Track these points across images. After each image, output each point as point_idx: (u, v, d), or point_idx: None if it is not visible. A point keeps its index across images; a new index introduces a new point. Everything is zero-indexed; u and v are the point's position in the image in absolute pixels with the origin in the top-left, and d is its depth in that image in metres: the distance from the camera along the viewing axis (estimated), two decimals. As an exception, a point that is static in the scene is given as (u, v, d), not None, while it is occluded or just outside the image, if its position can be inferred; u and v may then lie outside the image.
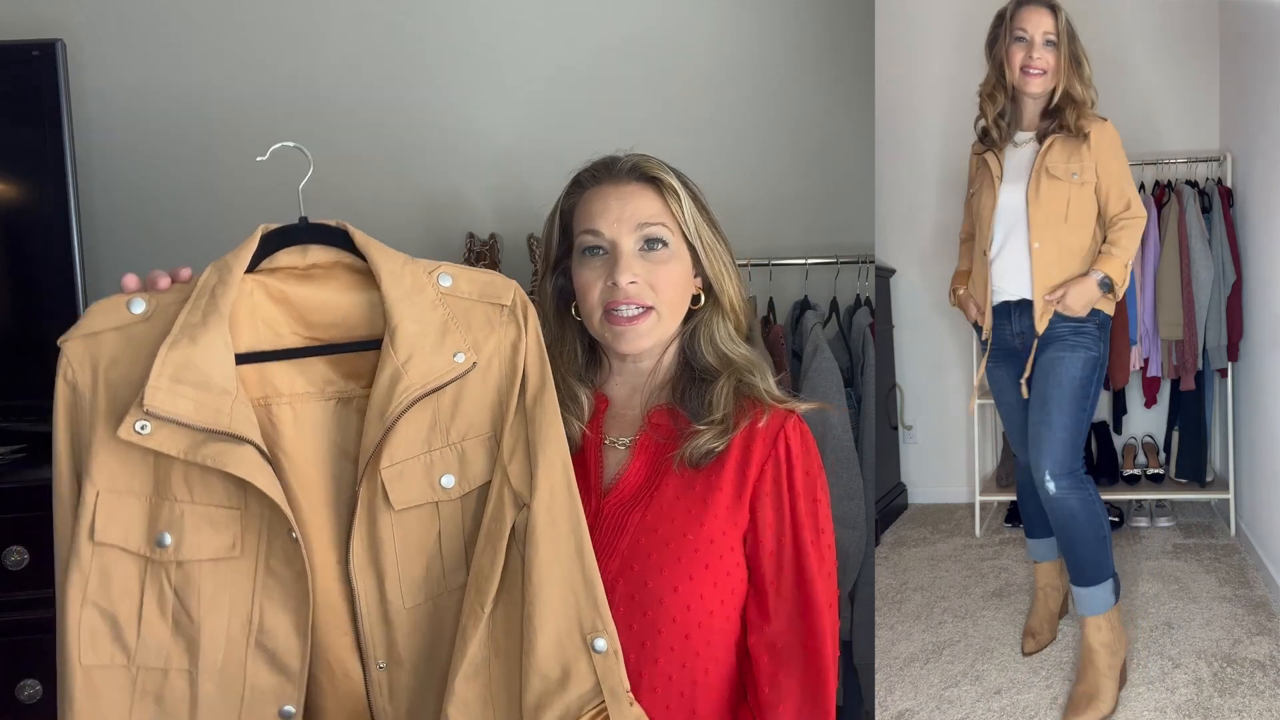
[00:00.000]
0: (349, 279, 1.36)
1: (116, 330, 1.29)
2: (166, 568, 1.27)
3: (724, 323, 1.52)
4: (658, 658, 1.40)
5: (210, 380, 1.25)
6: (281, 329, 1.35)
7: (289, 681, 1.29)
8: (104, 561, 1.27)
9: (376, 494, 1.30)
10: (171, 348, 1.25)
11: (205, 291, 1.29)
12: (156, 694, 1.28)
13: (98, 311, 1.30)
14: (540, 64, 2.47)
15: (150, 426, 1.23)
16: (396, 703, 1.32)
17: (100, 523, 1.26)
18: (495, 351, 1.34)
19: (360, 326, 1.35)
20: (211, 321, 1.27)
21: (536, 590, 1.29)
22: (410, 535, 1.32)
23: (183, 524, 1.27)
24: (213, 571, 1.28)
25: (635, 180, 1.49)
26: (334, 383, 1.34)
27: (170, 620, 1.28)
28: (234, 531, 1.28)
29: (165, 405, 1.23)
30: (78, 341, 1.29)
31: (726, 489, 1.45)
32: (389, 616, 1.31)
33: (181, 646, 1.28)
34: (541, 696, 1.27)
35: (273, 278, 1.34)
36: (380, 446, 1.29)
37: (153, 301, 1.30)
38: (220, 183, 2.43)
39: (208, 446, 1.24)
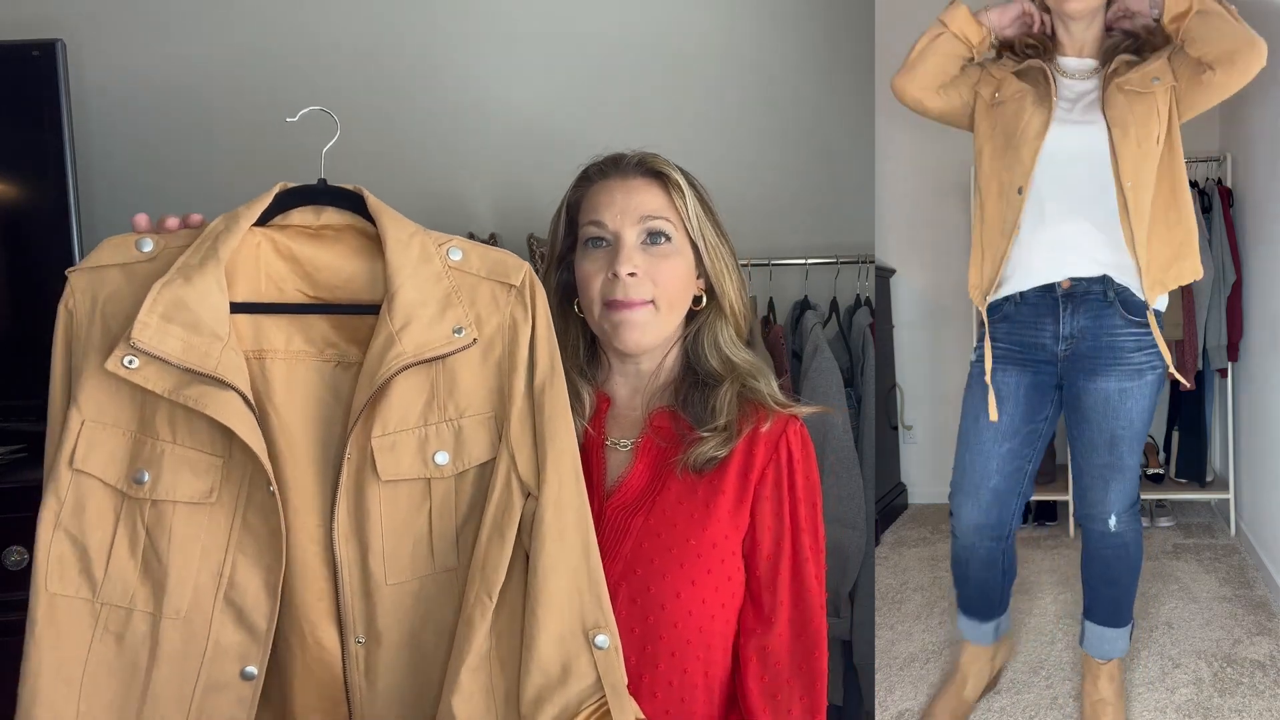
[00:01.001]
0: (359, 243, 1.36)
1: (121, 266, 1.31)
2: (141, 505, 1.27)
3: (726, 326, 1.52)
4: (658, 662, 1.40)
5: (200, 322, 1.25)
6: (286, 285, 1.35)
7: (254, 641, 1.27)
8: (80, 490, 1.27)
9: (365, 463, 1.29)
10: (165, 286, 1.26)
11: (210, 237, 1.30)
12: (118, 633, 1.27)
13: (107, 246, 1.32)
14: (542, 63, 2.47)
15: (138, 362, 1.24)
16: (373, 679, 1.31)
17: (81, 451, 1.26)
18: (499, 331, 1.33)
19: (365, 291, 1.34)
20: (209, 266, 1.27)
21: (541, 584, 1.28)
22: (399, 510, 1.30)
23: (161, 463, 1.27)
24: (188, 516, 1.27)
25: (641, 175, 1.49)
26: (336, 345, 1.34)
27: (140, 560, 1.27)
28: (213, 479, 1.27)
29: (152, 342, 1.23)
30: (82, 273, 1.31)
31: (729, 493, 1.45)
32: (370, 591, 1.30)
33: (148, 589, 1.27)
34: (541, 691, 1.27)
35: (282, 234, 1.34)
36: (371, 413, 1.28)
37: (160, 242, 1.32)
38: (220, 182, 2.42)
39: (192, 388, 1.24)
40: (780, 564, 1.45)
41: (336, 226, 1.36)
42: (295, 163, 1.42)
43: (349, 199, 1.36)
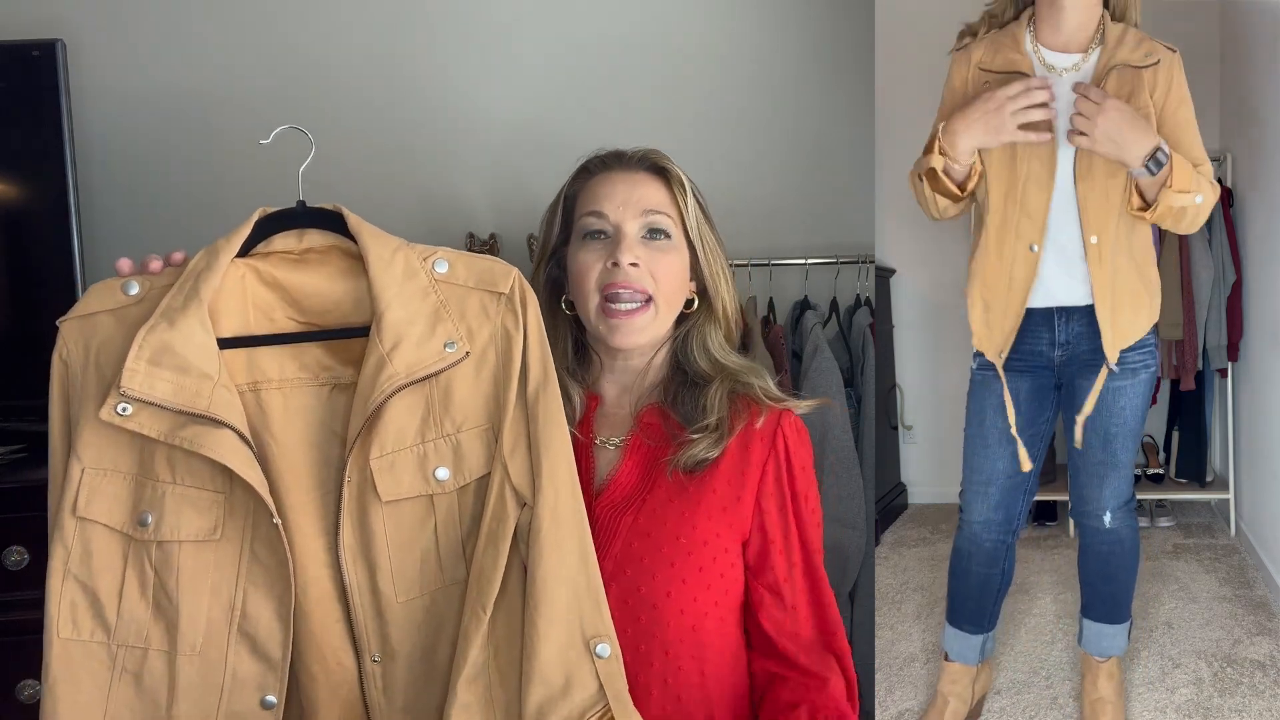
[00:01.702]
0: (344, 264, 1.35)
1: (110, 312, 1.31)
2: (147, 547, 1.28)
3: (716, 330, 1.52)
4: (652, 661, 1.40)
5: (188, 363, 1.25)
6: (275, 314, 1.34)
7: (271, 670, 1.28)
8: (86, 536, 1.28)
9: (366, 484, 1.29)
10: (150, 331, 1.26)
11: (191, 276, 1.30)
12: (136, 673, 1.28)
13: (94, 294, 1.33)
14: (541, 63, 2.47)
15: (131, 409, 1.24)
16: (391, 696, 1.31)
17: (83, 498, 1.27)
18: (491, 341, 1.32)
19: (354, 313, 1.34)
20: (191, 306, 1.27)
21: (540, 594, 1.28)
22: (403, 528, 1.30)
23: (163, 504, 1.27)
24: (193, 553, 1.27)
25: (644, 169, 1.49)
26: (331, 369, 1.33)
27: (150, 600, 1.28)
28: (216, 515, 1.28)
29: (142, 388, 1.24)
30: (73, 322, 1.31)
31: (721, 490, 1.44)
32: (381, 610, 1.30)
33: (161, 628, 1.28)
34: (544, 703, 1.26)
35: (265, 262, 1.34)
36: (368, 436, 1.28)
37: (146, 284, 1.32)
38: (220, 182, 2.42)
39: (187, 429, 1.25)
40: (792, 556, 1.45)
41: (320, 249, 1.35)
42: (296, 161, 1.42)
43: (329, 219, 1.35)
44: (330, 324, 1.35)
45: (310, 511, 1.31)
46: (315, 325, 1.35)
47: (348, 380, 1.32)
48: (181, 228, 2.41)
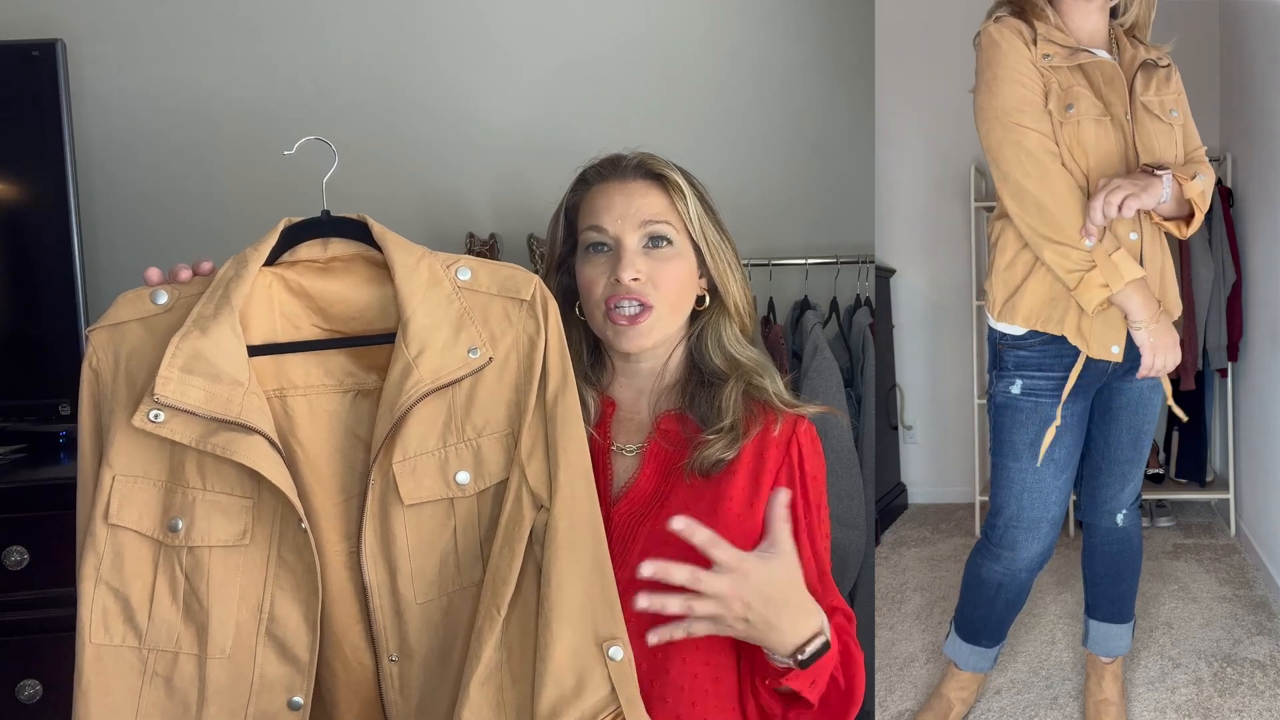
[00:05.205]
0: (368, 272, 1.37)
1: (140, 321, 1.32)
2: (178, 552, 1.29)
3: (730, 325, 1.52)
4: (669, 667, 1.40)
5: (220, 371, 1.27)
6: (301, 322, 1.36)
7: (298, 672, 1.30)
8: (117, 543, 1.29)
9: (388, 488, 1.30)
10: (182, 339, 1.27)
11: (221, 284, 1.31)
12: (166, 677, 1.29)
13: (123, 302, 1.34)
14: (541, 63, 2.47)
15: (164, 416, 1.26)
16: (408, 696, 1.33)
17: (115, 505, 1.28)
18: (513, 347, 1.34)
19: (379, 320, 1.35)
20: (223, 314, 1.29)
21: (555, 596, 1.28)
22: (424, 530, 1.32)
23: (193, 510, 1.29)
24: (223, 558, 1.29)
25: (641, 177, 1.49)
26: (355, 375, 1.35)
27: (181, 604, 1.29)
28: (245, 520, 1.29)
29: (175, 395, 1.25)
30: (103, 331, 1.33)
31: (738, 497, 1.44)
32: (401, 610, 1.32)
33: (191, 631, 1.29)
34: (556, 705, 1.27)
35: (292, 270, 1.36)
36: (392, 440, 1.29)
37: (175, 293, 1.33)
38: (220, 182, 2.43)
39: (218, 435, 1.26)
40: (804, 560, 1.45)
41: (344, 258, 1.37)
42: (297, 160, 1.42)
43: (354, 228, 1.37)
44: (355, 331, 1.36)
45: (333, 514, 1.33)
46: (340, 332, 1.37)
47: (371, 386, 1.34)
48: (181, 227, 2.41)
